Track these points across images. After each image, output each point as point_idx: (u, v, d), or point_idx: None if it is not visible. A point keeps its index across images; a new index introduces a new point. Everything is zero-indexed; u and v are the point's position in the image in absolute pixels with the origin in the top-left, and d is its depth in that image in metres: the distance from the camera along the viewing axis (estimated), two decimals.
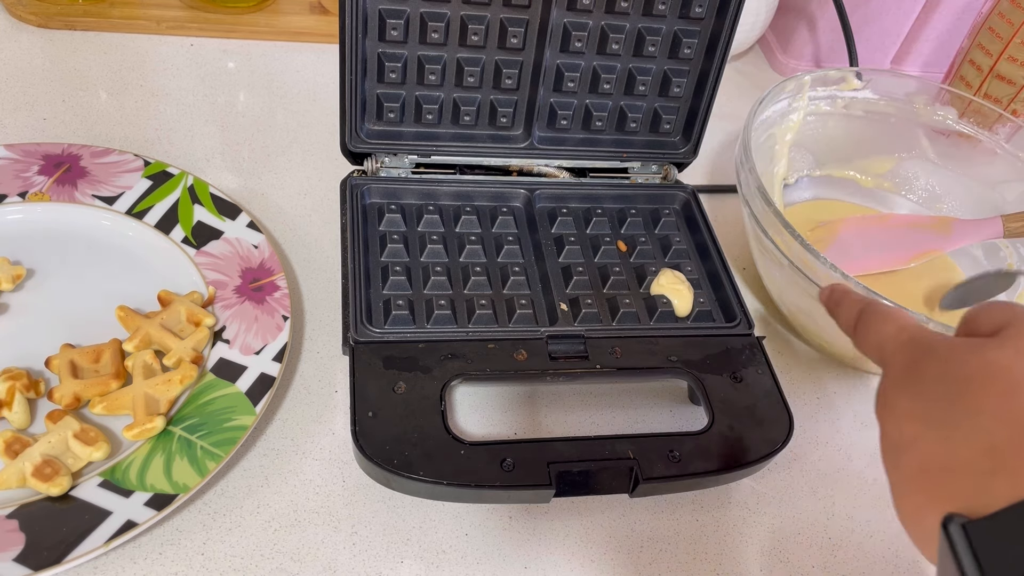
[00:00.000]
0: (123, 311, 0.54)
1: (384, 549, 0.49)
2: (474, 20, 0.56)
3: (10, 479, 0.45)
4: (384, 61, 0.56)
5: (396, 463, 0.45)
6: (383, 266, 0.56)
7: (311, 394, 0.55)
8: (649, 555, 0.51)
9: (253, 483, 0.50)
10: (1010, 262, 0.70)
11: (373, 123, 0.60)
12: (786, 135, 0.72)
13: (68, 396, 0.49)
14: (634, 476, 0.48)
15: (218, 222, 0.61)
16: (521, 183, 0.63)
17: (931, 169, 0.75)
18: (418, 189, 0.61)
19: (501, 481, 0.46)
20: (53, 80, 0.72)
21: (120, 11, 0.78)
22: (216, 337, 0.54)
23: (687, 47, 0.60)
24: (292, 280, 0.61)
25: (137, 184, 0.62)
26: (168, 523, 0.47)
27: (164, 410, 0.50)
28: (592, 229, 0.62)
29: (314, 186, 0.68)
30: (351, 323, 0.51)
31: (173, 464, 0.47)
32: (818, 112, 0.73)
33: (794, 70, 0.92)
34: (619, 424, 0.57)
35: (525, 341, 0.53)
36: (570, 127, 0.63)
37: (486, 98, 0.60)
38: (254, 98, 0.75)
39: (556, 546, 0.50)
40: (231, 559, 0.47)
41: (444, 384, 0.50)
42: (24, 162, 0.61)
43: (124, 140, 0.68)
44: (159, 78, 0.75)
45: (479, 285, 0.56)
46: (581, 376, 0.53)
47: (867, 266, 0.68)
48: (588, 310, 0.55)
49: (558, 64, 0.60)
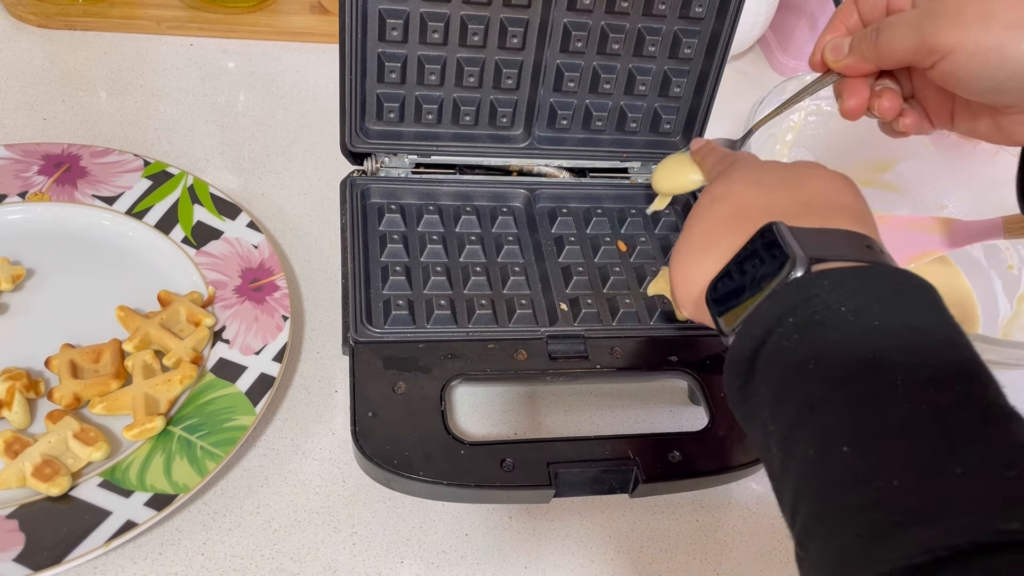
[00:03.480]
0: (123, 311, 0.54)
1: (384, 549, 0.49)
2: (474, 20, 0.56)
3: (10, 479, 0.45)
4: (384, 61, 0.56)
5: (396, 463, 0.45)
6: (383, 266, 0.56)
7: (311, 394, 0.55)
8: (649, 555, 0.51)
9: (253, 483, 0.50)
10: (1010, 263, 0.70)
11: (373, 123, 0.60)
12: (787, 135, 0.72)
13: (68, 396, 0.49)
14: (634, 476, 0.48)
15: (218, 222, 0.61)
16: (521, 183, 0.63)
17: (931, 170, 0.75)
18: (418, 189, 0.61)
19: (501, 481, 0.46)
20: (53, 80, 0.72)
21: (120, 11, 0.78)
22: (216, 337, 0.54)
23: (687, 47, 0.60)
24: (292, 280, 0.61)
25: (137, 184, 0.62)
26: (168, 523, 0.47)
27: (164, 410, 0.50)
28: (592, 229, 0.61)
29: (314, 186, 0.68)
30: (351, 323, 0.51)
31: (173, 464, 0.47)
32: (819, 112, 0.73)
33: (794, 70, 0.92)
34: (619, 424, 0.57)
35: (525, 341, 0.53)
36: (570, 127, 0.63)
37: (486, 98, 0.60)
38: (254, 98, 0.75)
39: (556, 546, 0.50)
40: (231, 559, 0.47)
41: (444, 384, 0.50)
42: (24, 162, 0.61)
43: (124, 140, 0.68)
44: (159, 78, 0.75)
45: (479, 285, 0.56)
46: (581, 376, 0.53)
47: None
48: (588, 310, 0.55)
49: (558, 64, 0.60)
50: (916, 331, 0.32)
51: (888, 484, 0.27)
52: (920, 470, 0.27)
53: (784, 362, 0.33)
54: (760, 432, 0.34)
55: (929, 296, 0.34)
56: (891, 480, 0.27)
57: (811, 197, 0.39)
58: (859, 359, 0.31)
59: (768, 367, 0.34)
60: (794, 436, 0.31)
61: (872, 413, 0.30)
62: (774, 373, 0.34)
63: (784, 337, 0.33)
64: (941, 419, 0.29)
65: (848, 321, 0.32)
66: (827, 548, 0.28)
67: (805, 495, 0.30)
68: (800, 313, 0.33)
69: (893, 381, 0.30)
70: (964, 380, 0.31)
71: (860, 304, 0.33)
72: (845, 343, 0.32)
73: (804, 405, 0.31)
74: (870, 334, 0.32)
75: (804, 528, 0.30)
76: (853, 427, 0.30)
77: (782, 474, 0.32)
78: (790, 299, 0.34)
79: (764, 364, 0.34)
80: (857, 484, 0.28)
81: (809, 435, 0.31)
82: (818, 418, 0.31)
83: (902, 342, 0.31)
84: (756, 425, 0.35)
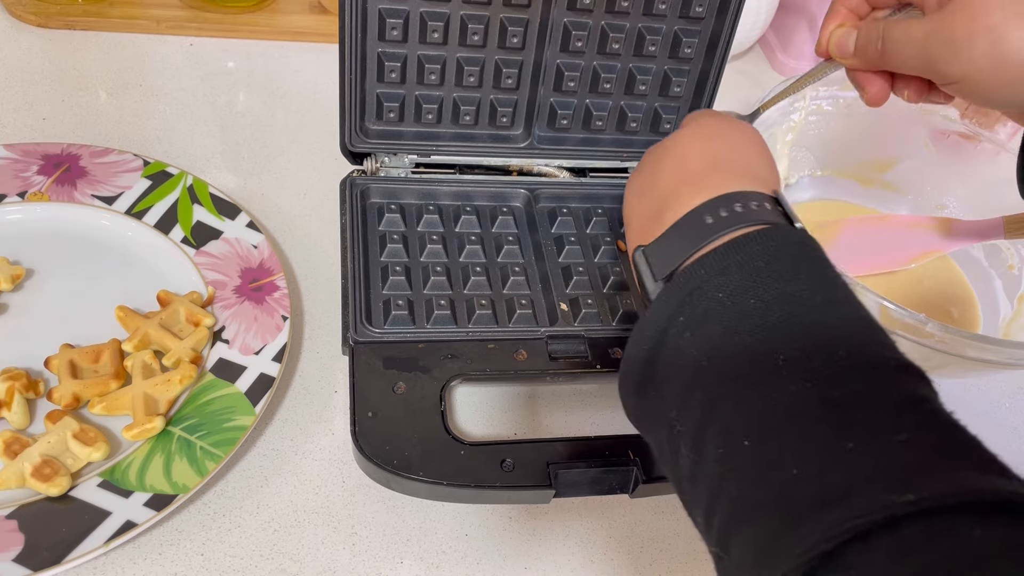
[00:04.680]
0: (122, 311, 0.54)
1: (384, 549, 0.48)
2: (474, 20, 0.56)
3: (9, 479, 0.45)
4: (384, 61, 0.56)
5: (396, 463, 0.45)
6: (383, 266, 0.56)
7: (311, 394, 0.55)
8: (650, 555, 0.51)
9: (253, 483, 0.50)
10: (1011, 263, 0.70)
11: (373, 123, 0.59)
12: (787, 135, 0.71)
13: (67, 396, 0.49)
14: (634, 476, 0.48)
15: (217, 222, 0.61)
16: (521, 183, 0.63)
17: (932, 169, 0.75)
18: (418, 189, 0.61)
19: (501, 481, 0.46)
20: (52, 80, 0.72)
21: (120, 11, 0.78)
22: (215, 337, 0.54)
23: (687, 47, 0.60)
24: (292, 280, 0.61)
25: (136, 184, 0.61)
26: (167, 523, 0.47)
27: (163, 410, 0.50)
28: (592, 229, 0.61)
29: (314, 186, 0.68)
30: (351, 323, 0.51)
31: (172, 464, 0.47)
32: (819, 112, 0.72)
33: (795, 70, 0.92)
34: (619, 424, 0.57)
35: (525, 341, 0.53)
36: (570, 127, 0.63)
37: (486, 98, 0.60)
38: (254, 98, 0.75)
39: (556, 546, 0.50)
40: (231, 559, 0.46)
41: (444, 384, 0.50)
42: (23, 162, 0.61)
43: (123, 140, 0.68)
44: (158, 78, 0.75)
45: (479, 285, 0.56)
46: (581, 376, 0.53)
47: (868, 267, 0.68)
48: (588, 310, 0.55)
49: (558, 63, 0.59)
50: (791, 299, 0.31)
51: (789, 475, 0.27)
52: (814, 454, 0.27)
53: (682, 362, 0.33)
54: (665, 435, 0.34)
55: (806, 252, 0.33)
56: (791, 470, 0.27)
57: (666, 188, 0.40)
58: (744, 346, 0.31)
59: (669, 368, 0.34)
60: (702, 435, 0.31)
61: (763, 401, 0.29)
62: (676, 373, 0.33)
63: (678, 337, 0.33)
64: (825, 392, 0.28)
65: (727, 307, 0.32)
66: (746, 548, 0.28)
67: (719, 496, 0.30)
68: (687, 311, 0.33)
69: (775, 362, 0.30)
70: (844, 341, 0.30)
71: (736, 285, 0.32)
72: (727, 332, 0.32)
73: (706, 403, 0.31)
74: (747, 316, 0.31)
75: (723, 530, 0.29)
76: (748, 419, 0.29)
77: (693, 476, 0.31)
78: (673, 298, 0.34)
79: (664, 365, 0.34)
80: (763, 478, 0.28)
81: (716, 433, 0.30)
82: (719, 414, 0.30)
83: (779, 316, 0.31)
84: (660, 428, 0.34)
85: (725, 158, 0.40)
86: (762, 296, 0.32)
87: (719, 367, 0.31)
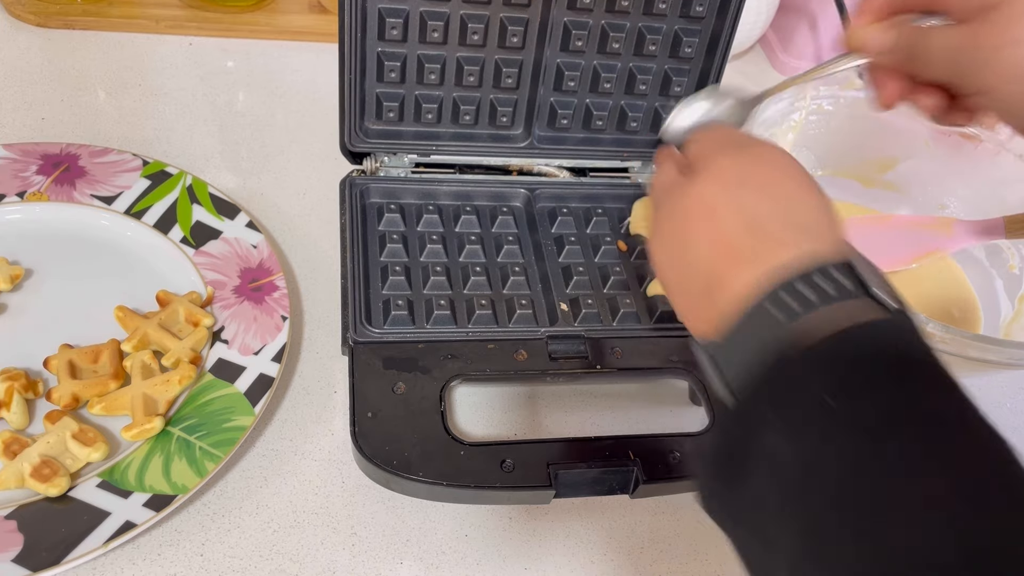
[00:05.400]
0: (121, 311, 0.54)
1: (384, 550, 0.48)
2: (474, 19, 0.56)
3: (9, 480, 0.45)
4: (384, 60, 0.56)
5: (396, 464, 0.45)
6: (382, 266, 0.55)
7: (310, 394, 0.55)
8: (650, 556, 0.51)
9: (252, 484, 0.50)
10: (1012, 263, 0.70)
11: (372, 122, 0.59)
12: (788, 135, 0.71)
13: (66, 396, 0.49)
14: (635, 477, 0.47)
15: (217, 222, 0.60)
16: (521, 183, 0.63)
17: (933, 169, 0.75)
18: (418, 189, 0.60)
19: (501, 482, 0.46)
20: (52, 79, 0.72)
21: (119, 10, 0.78)
22: (215, 337, 0.54)
23: (688, 46, 0.60)
24: (291, 280, 0.61)
25: (136, 184, 0.61)
26: (167, 524, 0.47)
27: (163, 410, 0.50)
28: (592, 229, 0.61)
29: (313, 186, 0.68)
30: (350, 323, 0.51)
31: (172, 465, 0.47)
32: (820, 112, 0.72)
33: (795, 69, 0.92)
34: (619, 425, 0.57)
35: (525, 341, 0.53)
36: (570, 126, 0.63)
37: (486, 97, 0.60)
38: (253, 97, 0.75)
39: (556, 547, 0.50)
40: (230, 560, 0.46)
41: (444, 384, 0.49)
42: (22, 162, 0.61)
43: (123, 139, 0.68)
44: (158, 77, 0.74)
45: (479, 285, 0.56)
46: (581, 376, 0.53)
47: None
48: (588, 310, 0.55)
49: (558, 63, 0.59)
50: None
51: None
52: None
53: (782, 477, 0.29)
54: (758, 541, 0.31)
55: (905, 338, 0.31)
56: None
57: (708, 261, 0.34)
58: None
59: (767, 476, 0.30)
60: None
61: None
62: (775, 483, 0.30)
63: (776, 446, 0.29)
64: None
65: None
66: None
67: None
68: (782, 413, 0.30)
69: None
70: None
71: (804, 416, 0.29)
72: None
73: (809, 532, 0.28)
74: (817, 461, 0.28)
75: None
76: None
77: None
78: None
79: (760, 468, 0.30)
80: None
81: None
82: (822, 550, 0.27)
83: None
84: (750, 531, 0.32)
85: (766, 213, 0.34)
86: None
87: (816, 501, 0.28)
